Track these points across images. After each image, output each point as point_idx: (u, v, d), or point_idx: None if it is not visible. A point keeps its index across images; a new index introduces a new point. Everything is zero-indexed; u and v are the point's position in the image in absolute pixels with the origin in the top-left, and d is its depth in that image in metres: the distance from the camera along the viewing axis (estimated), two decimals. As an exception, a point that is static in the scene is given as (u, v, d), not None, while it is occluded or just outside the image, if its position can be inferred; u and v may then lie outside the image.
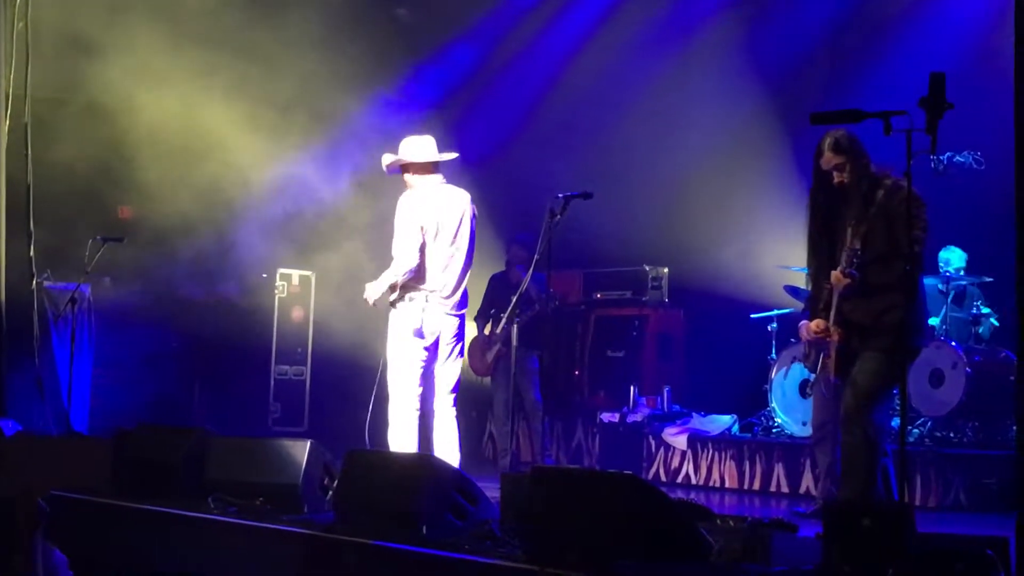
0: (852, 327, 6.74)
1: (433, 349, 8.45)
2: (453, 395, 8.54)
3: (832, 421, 8.27)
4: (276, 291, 13.38)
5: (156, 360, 12.43)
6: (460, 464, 8.16)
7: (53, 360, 11.21)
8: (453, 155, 8.66)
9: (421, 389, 8.44)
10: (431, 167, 8.49)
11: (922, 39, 11.90)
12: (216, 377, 13.00)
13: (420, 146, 8.49)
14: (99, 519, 7.50)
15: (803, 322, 8.56)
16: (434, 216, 8.36)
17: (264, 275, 13.31)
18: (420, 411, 8.44)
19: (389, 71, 12.96)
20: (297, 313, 13.52)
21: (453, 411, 8.54)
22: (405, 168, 8.51)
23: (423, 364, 8.42)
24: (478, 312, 11.46)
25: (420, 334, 8.37)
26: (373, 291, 8.38)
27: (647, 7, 13.69)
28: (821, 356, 7.09)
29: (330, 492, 7.01)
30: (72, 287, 10.89)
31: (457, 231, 8.45)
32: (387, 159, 8.55)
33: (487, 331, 11.48)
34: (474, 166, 11.01)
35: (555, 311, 11.50)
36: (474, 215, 8.59)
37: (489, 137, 12.55)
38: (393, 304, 8.40)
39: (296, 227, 12.68)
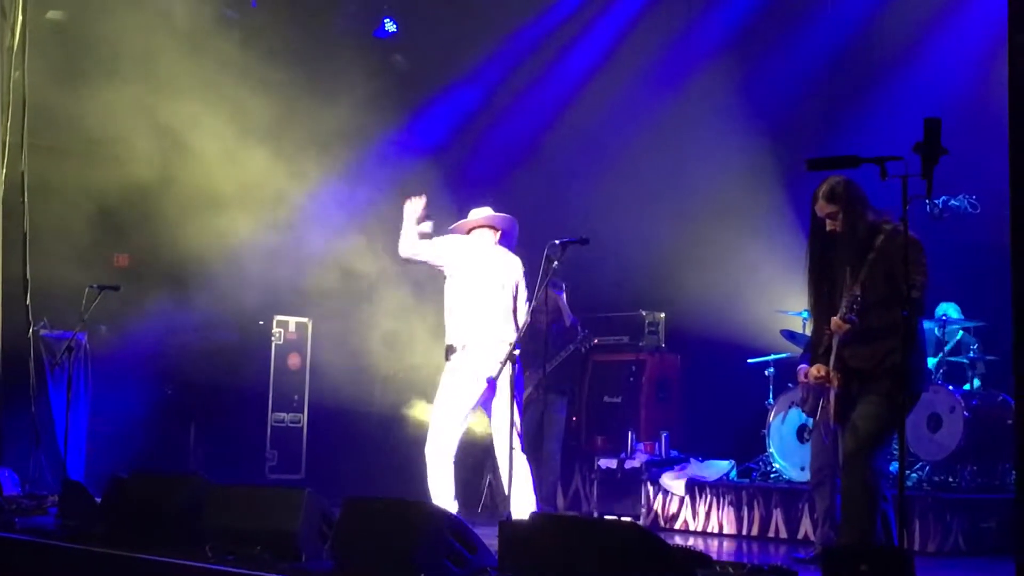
0: (852, 372, 6.74)
1: (482, 392, 8.66)
2: (511, 434, 8.53)
3: (830, 466, 8.26)
4: (273, 338, 13.38)
5: (152, 408, 12.42)
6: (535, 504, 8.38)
7: (50, 408, 11.22)
8: (467, 221, 9.10)
9: (448, 430, 8.63)
10: (469, 228, 9.07)
11: (917, 82, 11.96)
12: (213, 424, 12.98)
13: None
14: (96, 568, 7.46)
15: (801, 366, 8.57)
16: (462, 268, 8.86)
17: (261, 322, 13.30)
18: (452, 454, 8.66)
19: (388, 118, 13.02)
20: (294, 360, 13.51)
21: (519, 455, 8.53)
22: None
23: (456, 404, 8.65)
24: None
25: (456, 373, 8.68)
26: None
27: (643, 53, 13.77)
28: (820, 401, 7.08)
29: (328, 540, 6.99)
30: (68, 335, 10.88)
31: (492, 284, 8.79)
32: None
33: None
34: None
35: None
36: (520, 274, 8.97)
37: (485, 183, 12.56)
38: None
39: (293, 273, 12.68)
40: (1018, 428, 4.66)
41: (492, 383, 8.51)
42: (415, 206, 8.83)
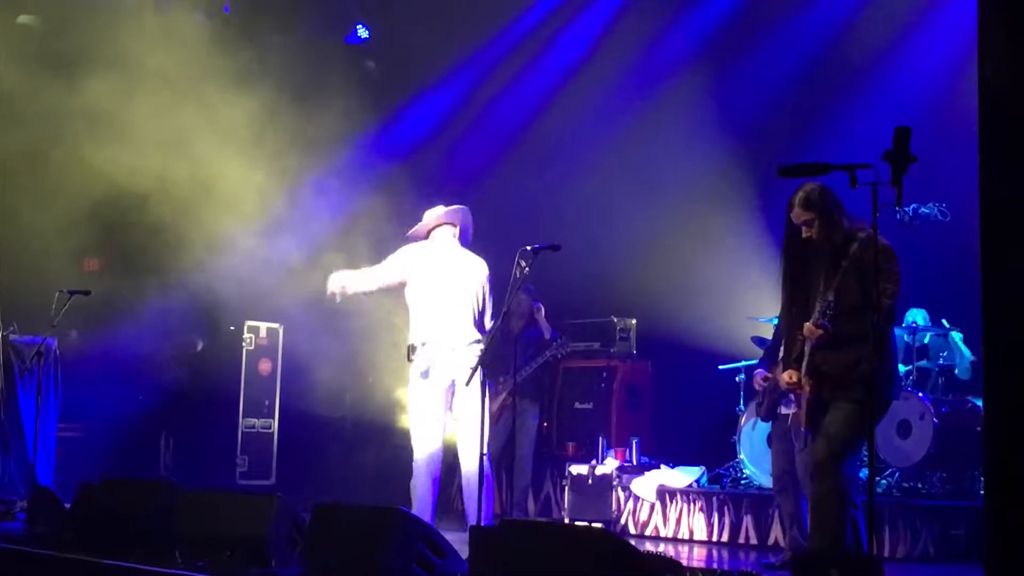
0: (823, 378, 6.75)
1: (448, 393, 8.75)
2: (476, 448, 8.47)
3: (793, 470, 8.28)
4: (244, 343, 13.34)
5: (123, 413, 12.36)
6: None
7: (19, 413, 11.14)
8: (425, 224, 9.16)
9: (426, 438, 8.69)
10: (428, 231, 9.17)
11: (888, 91, 12.01)
12: (183, 430, 12.94)
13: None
14: (65, 575, 7.43)
15: (758, 371, 8.61)
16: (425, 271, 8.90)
17: (232, 327, 13.27)
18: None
19: (362, 124, 13.01)
20: (264, 366, 13.47)
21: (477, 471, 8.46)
22: None
23: (431, 415, 8.72)
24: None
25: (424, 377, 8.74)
26: None
27: (615, 61, 13.80)
28: (781, 406, 7.11)
29: (298, 546, 6.97)
30: (38, 340, 10.83)
31: (454, 288, 8.83)
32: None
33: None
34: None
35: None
36: (485, 279, 9.07)
37: (457, 190, 12.57)
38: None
39: (264, 279, 12.64)
40: (987, 435, 4.67)
41: (452, 382, 8.54)
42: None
